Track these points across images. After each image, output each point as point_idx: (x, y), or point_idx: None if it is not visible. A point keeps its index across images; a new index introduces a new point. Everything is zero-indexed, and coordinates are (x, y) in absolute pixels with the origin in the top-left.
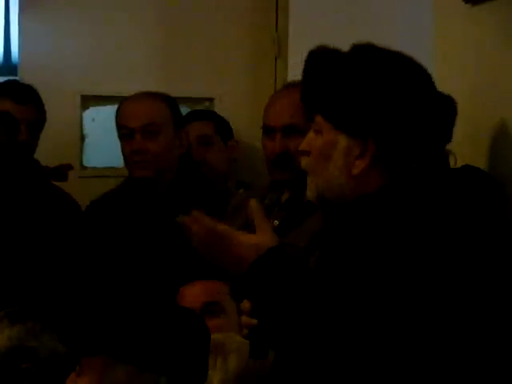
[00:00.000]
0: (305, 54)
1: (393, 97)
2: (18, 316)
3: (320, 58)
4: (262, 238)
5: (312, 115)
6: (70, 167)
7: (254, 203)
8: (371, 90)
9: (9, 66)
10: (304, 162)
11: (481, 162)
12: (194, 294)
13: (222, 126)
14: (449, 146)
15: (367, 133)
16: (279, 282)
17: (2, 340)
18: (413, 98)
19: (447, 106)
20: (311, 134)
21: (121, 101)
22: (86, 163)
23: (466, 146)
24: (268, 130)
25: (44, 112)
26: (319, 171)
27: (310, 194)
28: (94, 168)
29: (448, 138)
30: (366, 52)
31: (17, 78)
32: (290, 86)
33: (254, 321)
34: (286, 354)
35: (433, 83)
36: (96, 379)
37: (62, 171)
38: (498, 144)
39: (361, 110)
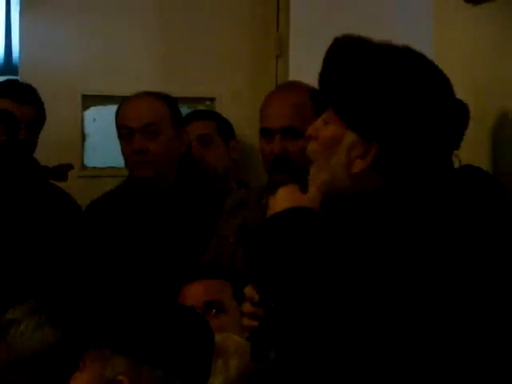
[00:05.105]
0: (306, 54)
1: (409, 105)
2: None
3: (343, 51)
4: None
5: (320, 109)
6: (70, 167)
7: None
8: (389, 95)
9: (10, 66)
10: (310, 147)
11: (481, 163)
12: (195, 293)
13: (223, 126)
14: None
15: (374, 136)
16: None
17: (51, 334)
18: (428, 108)
19: (460, 113)
20: (319, 122)
21: (121, 101)
22: (86, 163)
23: (466, 147)
24: (266, 132)
25: (43, 112)
26: (322, 162)
27: (314, 189)
28: (95, 168)
29: (457, 144)
30: (391, 54)
31: (17, 78)
32: (285, 87)
33: (255, 323)
34: (288, 352)
35: (451, 88)
36: (97, 371)
37: (62, 171)
38: (497, 144)
39: (374, 112)
